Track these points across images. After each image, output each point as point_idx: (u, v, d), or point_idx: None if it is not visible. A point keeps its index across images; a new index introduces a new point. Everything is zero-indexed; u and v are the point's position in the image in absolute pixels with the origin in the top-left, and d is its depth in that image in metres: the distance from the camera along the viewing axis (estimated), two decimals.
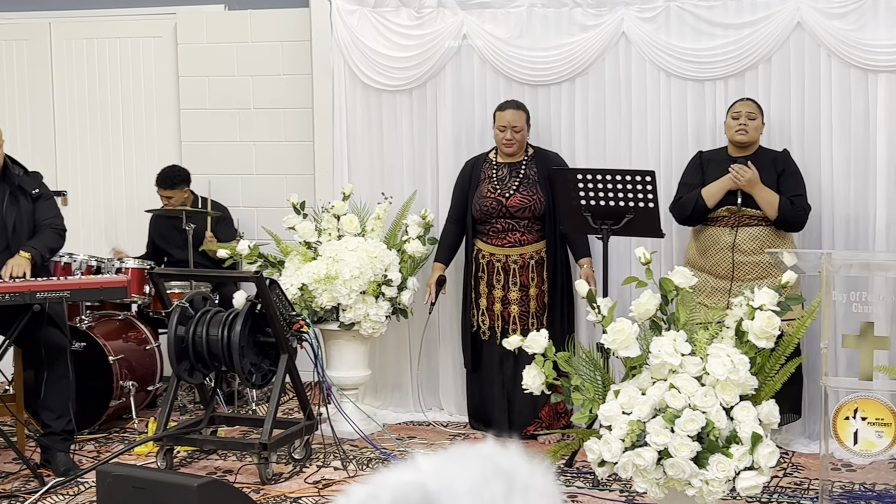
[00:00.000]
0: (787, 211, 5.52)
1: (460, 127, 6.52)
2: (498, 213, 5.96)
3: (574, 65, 6.27)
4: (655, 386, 3.87)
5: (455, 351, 6.55)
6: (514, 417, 6.00)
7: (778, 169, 5.64)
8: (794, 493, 5.00)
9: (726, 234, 5.60)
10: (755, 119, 5.67)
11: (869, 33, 5.77)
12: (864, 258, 4.29)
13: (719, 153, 5.79)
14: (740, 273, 5.54)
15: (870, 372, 3.82)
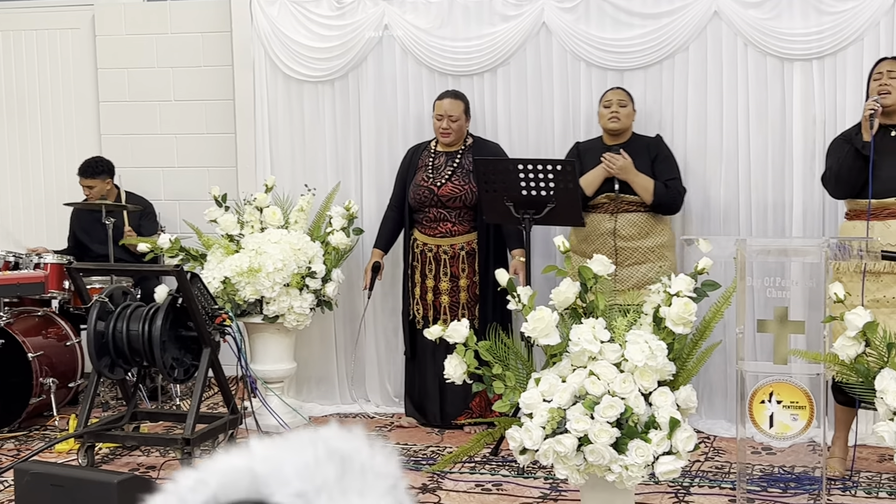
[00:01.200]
0: (662, 195, 5.62)
1: (383, 118, 6.51)
2: (430, 202, 5.97)
3: (495, 55, 6.29)
4: (575, 373, 3.90)
5: (381, 341, 6.56)
6: (446, 407, 6.02)
7: (652, 154, 5.73)
8: (715, 477, 5.07)
9: (606, 220, 5.67)
10: (626, 106, 5.75)
11: (784, 22, 5.86)
12: (779, 244, 4.36)
13: (595, 142, 5.87)
14: (622, 258, 5.62)
15: (785, 356, 3.88)
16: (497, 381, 3.99)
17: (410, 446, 5.72)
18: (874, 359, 3.73)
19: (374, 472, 0.83)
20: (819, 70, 5.83)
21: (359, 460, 0.81)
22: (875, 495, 4.75)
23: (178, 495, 0.82)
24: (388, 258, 6.29)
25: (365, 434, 0.87)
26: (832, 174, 5.04)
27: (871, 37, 5.74)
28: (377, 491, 0.82)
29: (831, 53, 5.78)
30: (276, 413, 5.78)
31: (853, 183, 4.95)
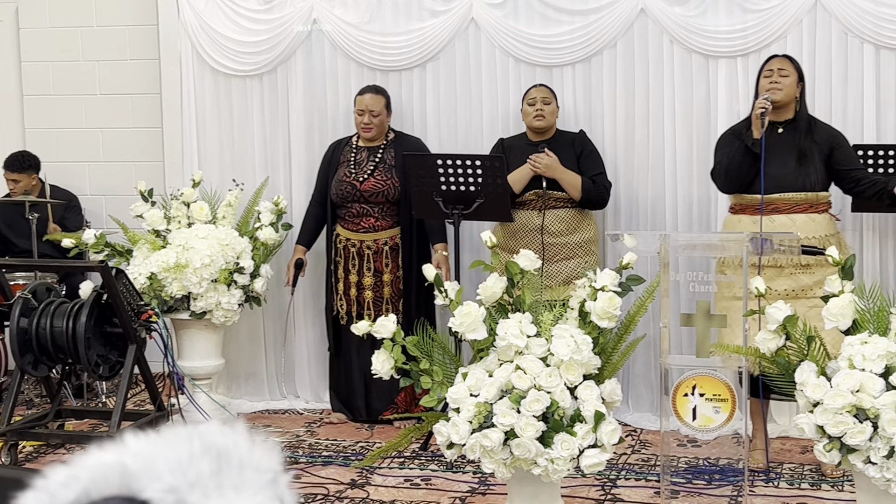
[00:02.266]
0: (590, 191, 5.67)
1: (312, 112, 6.48)
2: (353, 198, 5.95)
3: (425, 50, 6.29)
4: (502, 368, 3.92)
5: (310, 337, 6.54)
6: (371, 403, 6.01)
7: (577, 150, 5.78)
8: (642, 470, 5.12)
9: (535, 216, 5.71)
10: (550, 104, 5.80)
11: (709, 20, 5.93)
12: (702, 239, 4.42)
13: (520, 139, 5.90)
14: (550, 254, 5.66)
15: (706, 349, 3.93)
16: (424, 377, 4.00)
17: (340, 442, 5.71)
18: (794, 352, 3.80)
19: (253, 466, 0.82)
20: (743, 67, 5.91)
21: (236, 455, 0.81)
22: (797, 486, 4.83)
23: (48, 492, 0.81)
24: (311, 253, 6.25)
25: (245, 428, 0.87)
26: (722, 169, 5.11)
27: (794, 34, 5.83)
28: (254, 486, 0.81)
29: (755, 51, 5.86)
30: (203, 410, 5.74)
31: (742, 178, 5.04)
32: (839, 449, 3.61)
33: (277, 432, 5.93)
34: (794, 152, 5.04)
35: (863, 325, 3.75)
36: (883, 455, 3.53)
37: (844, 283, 3.76)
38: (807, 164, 5.02)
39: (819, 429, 3.63)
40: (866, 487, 3.69)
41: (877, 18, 5.67)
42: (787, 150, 5.05)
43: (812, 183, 5.02)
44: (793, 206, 5.01)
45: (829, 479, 4.87)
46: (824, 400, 3.60)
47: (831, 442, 3.61)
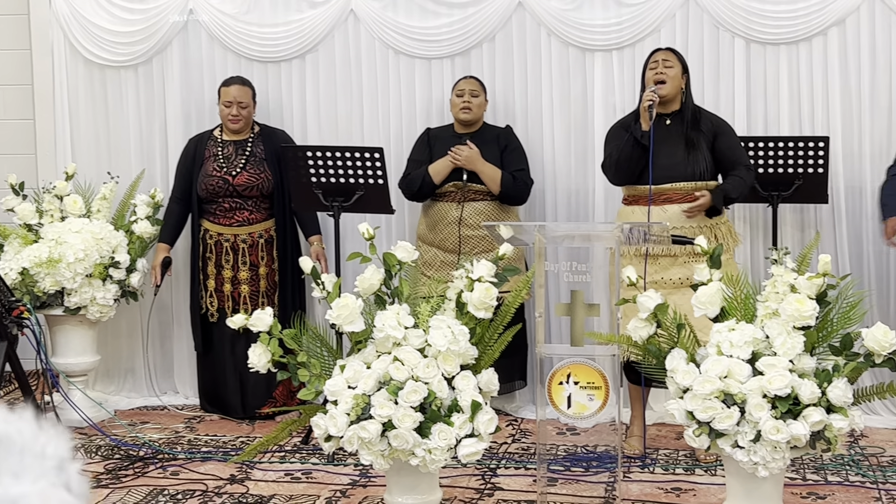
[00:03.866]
0: (509, 186, 5.71)
1: (189, 104, 6.40)
2: (225, 192, 5.89)
3: (303, 41, 6.26)
4: (380, 359, 3.92)
5: (188, 333, 6.44)
6: (247, 399, 5.95)
7: (501, 145, 5.82)
8: (521, 458, 5.17)
9: (453, 209, 5.73)
10: (478, 96, 5.83)
11: (586, 13, 6.01)
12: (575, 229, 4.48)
13: (446, 130, 5.92)
14: (467, 247, 5.69)
15: (581, 338, 3.99)
16: (302, 370, 3.98)
17: (219, 437, 5.65)
18: (665, 339, 3.87)
19: (35, 453, 0.80)
20: (619, 60, 6.01)
21: (18, 441, 0.79)
22: (672, 472, 4.93)
23: None
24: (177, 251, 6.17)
25: (32, 416, 0.85)
26: (612, 162, 5.19)
27: (667, 28, 5.95)
28: (36, 472, 0.80)
29: (630, 44, 5.96)
30: (78, 408, 5.61)
31: (632, 170, 5.13)
32: (708, 434, 3.70)
33: (156, 429, 5.84)
34: (682, 142, 5.13)
35: (731, 313, 3.84)
36: (750, 439, 3.62)
37: (713, 272, 3.85)
38: (695, 153, 5.11)
39: (689, 414, 3.71)
40: (735, 471, 3.78)
41: (747, 13, 5.82)
42: (675, 140, 5.14)
43: (701, 171, 5.11)
44: (683, 195, 5.10)
45: (703, 464, 4.99)
46: (693, 386, 3.67)
47: (700, 427, 3.69)
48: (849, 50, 5.79)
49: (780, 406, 3.59)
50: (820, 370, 3.68)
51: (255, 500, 4.60)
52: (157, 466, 5.11)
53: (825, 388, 3.61)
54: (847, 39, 5.78)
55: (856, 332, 3.69)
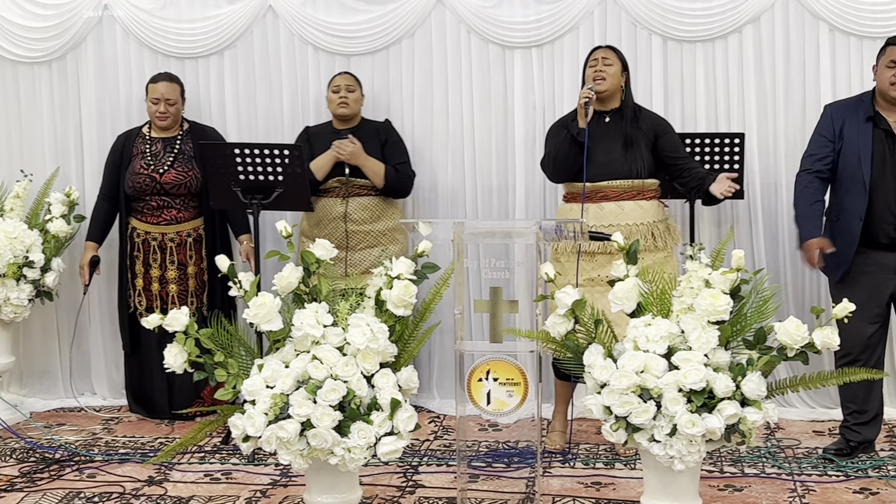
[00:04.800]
0: (393, 179, 5.72)
1: (104, 101, 6.31)
2: (152, 190, 5.81)
3: (221, 38, 6.21)
4: (299, 358, 3.90)
5: (107, 333, 6.37)
6: (174, 399, 5.87)
7: (381, 139, 5.82)
8: (443, 455, 5.17)
9: (338, 204, 5.72)
10: (354, 91, 5.82)
11: (505, 10, 6.03)
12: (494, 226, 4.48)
13: (325, 127, 5.91)
14: (353, 242, 5.69)
15: (500, 335, 4.00)
16: (219, 370, 3.94)
17: (138, 439, 5.57)
18: (583, 335, 3.90)
19: None
20: (538, 57, 6.03)
21: None
22: (592, 466, 4.97)
23: None
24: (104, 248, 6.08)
25: None
26: (550, 159, 5.21)
27: (586, 26, 5.98)
28: None
29: (549, 41, 5.99)
30: None
31: (570, 168, 5.15)
32: (625, 428, 3.73)
33: (72, 431, 5.75)
34: (621, 140, 5.15)
35: (647, 308, 3.87)
36: (666, 433, 3.66)
37: (629, 268, 3.88)
38: (633, 151, 5.14)
39: (606, 409, 3.74)
40: (652, 465, 3.82)
41: (664, 10, 5.87)
42: (614, 138, 5.16)
43: (638, 170, 5.14)
44: (620, 193, 5.13)
45: (622, 458, 5.03)
46: (610, 381, 3.70)
47: (618, 422, 3.72)
48: (764, 47, 5.87)
49: (696, 400, 3.63)
50: (734, 364, 3.73)
51: (173, 502, 4.55)
52: (74, 469, 5.02)
53: (739, 381, 3.66)
54: (762, 37, 5.87)
55: (769, 327, 3.74)
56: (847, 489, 4.57)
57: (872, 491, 4.54)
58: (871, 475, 4.75)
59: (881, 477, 4.70)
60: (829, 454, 4.98)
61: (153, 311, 5.72)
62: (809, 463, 4.93)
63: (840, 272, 4.88)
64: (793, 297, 5.88)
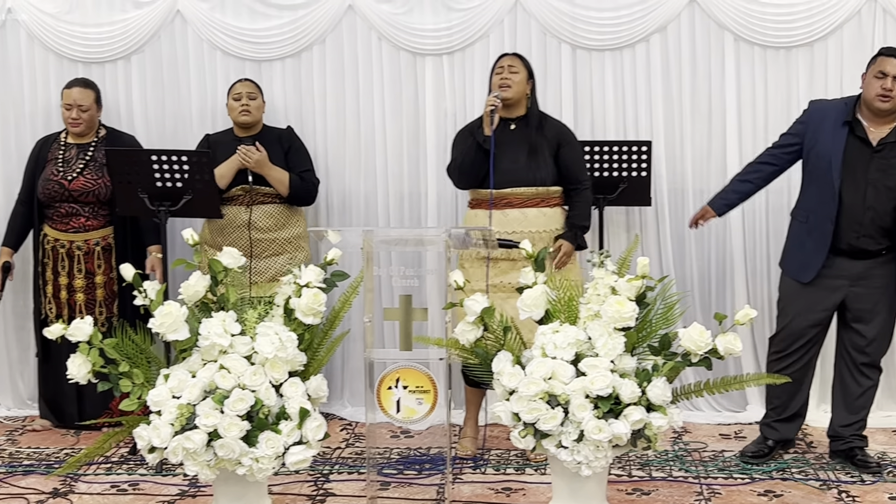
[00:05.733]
0: (298, 187, 5.69)
1: (7, 106, 6.22)
2: (61, 197, 5.70)
3: (129, 42, 6.13)
4: (206, 368, 3.86)
5: (11, 342, 6.24)
6: (85, 408, 5.77)
7: (284, 146, 5.79)
8: (355, 463, 5.16)
9: (242, 212, 5.68)
10: (256, 99, 5.78)
11: (416, 17, 6.04)
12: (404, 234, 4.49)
13: (226, 134, 5.86)
14: (258, 250, 5.65)
15: (409, 342, 4.00)
16: (124, 380, 3.88)
17: (43, 450, 5.47)
18: (492, 342, 3.92)
19: None
20: (449, 65, 6.05)
21: None
22: (503, 472, 4.99)
23: None
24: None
25: None
26: (456, 166, 5.23)
27: (496, 34, 6.02)
28: None
29: (460, 49, 6.01)
30: None
31: (476, 174, 5.17)
32: (533, 434, 3.76)
33: None
34: (526, 148, 5.18)
35: (554, 315, 3.90)
36: (573, 439, 3.69)
37: (537, 275, 3.91)
38: (537, 159, 5.17)
39: (514, 416, 3.76)
40: (560, 471, 3.85)
41: (573, 19, 5.93)
42: (519, 145, 5.19)
43: (542, 178, 5.17)
44: (525, 200, 5.16)
45: (533, 464, 5.06)
46: (519, 388, 3.73)
47: (526, 428, 3.75)
48: (670, 56, 5.96)
49: (602, 406, 3.67)
50: (640, 370, 3.78)
51: None
52: None
53: (645, 387, 3.71)
54: (669, 46, 5.95)
55: (673, 333, 3.80)
56: (752, 492, 4.66)
57: (776, 493, 4.63)
58: (776, 478, 4.84)
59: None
60: (747, 456, 5.05)
61: (63, 318, 5.65)
62: (716, 466, 5.01)
63: (811, 274, 4.91)
64: (700, 303, 5.97)
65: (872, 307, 4.89)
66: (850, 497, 4.57)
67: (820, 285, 4.89)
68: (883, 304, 4.90)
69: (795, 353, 4.97)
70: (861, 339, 4.93)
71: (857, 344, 4.95)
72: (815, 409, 5.71)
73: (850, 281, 4.87)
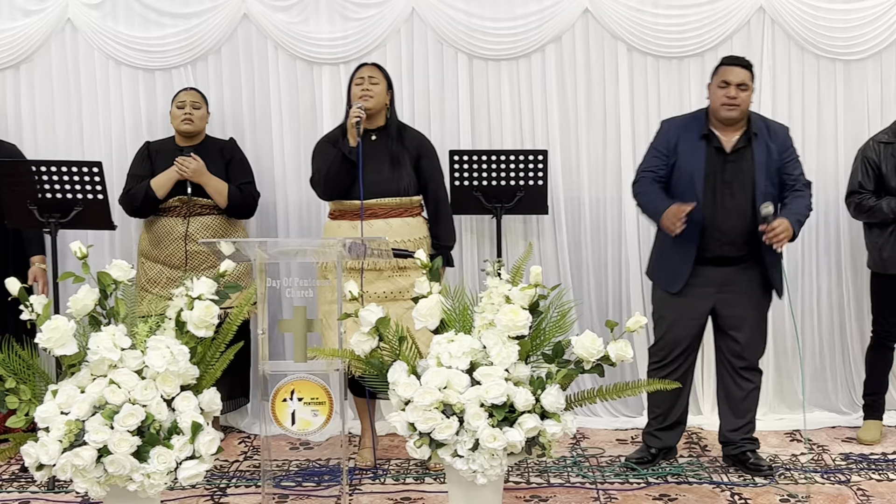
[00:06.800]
0: (236, 199, 5.63)
1: None
2: None
3: (17, 51, 6.02)
4: (95, 383, 3.78)
5: None
6: None
7: (225, 157, 5.73)
8: (253, 476, 5.11)
9: (179, 223, 5.60)
10: (200, 108, 5.72)
11: (312, 26, 6.02)
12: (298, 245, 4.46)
13: (167, 143, 5.78)
14: (194, 263, 5.57)
15: (304, 354, 3.97)
16: (10, 396, 3.79)
17: None
18: (387, 352, 3.91)
19: None
20: (346, 74, 5.99)
21: None
22: (402, 481, 4.98)
23: None
24: None
25: None
26: (321, 177, 5.18)
27: (392, 43, 6.03)
28: None
29: (357, 58, 5.99)
30: None
31: (340, 186, 5.14)
32: (429, 444, 3.75)
33: None
34: (388, 159, 5.18)
35: (449, 324, 3.91)
36: (469, 448, 3.69)
37: (432, 285, 3.91)
38: (399, 169, 5.17)
39: (410, 426, 3.75)
40: (456, 479, 3.85)
41: (469, 29, 5.96)
42: (381, 156, 5.19)
43: (405, 188, 5.18)
44: (389, 210, 5.15)
45: (433, 473, 5.06)
46: (414, 398, 3.72)
47: (421, 438, 3.74)
48: (565, 66, 6.02)
49: (497, 414, 3.68)
50: (534, 378, 3.79)
51: None
52: None
53: (539, 395, 3.73)
54: (563, 56, 6.02)
55: (566, 340, 3.83)
56: (647, 496, 4.72)
57: (671, 497, 4.69)
58: (671, 481, 4.91)
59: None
60: (630, 462, 5.12)
61: None
62: (612, 471, 5.07)
63: (679, 285, 5.00)
64: (596, 310, 6.04)
65: (742, 313, 5.01)
66: (743, 499, 4.66)
67: (689, 294, 4.99)
68: (751, 308, 5.02)
69: (674, 363, 5.06)
70: (736, 344, 5.04)
71: (733, 349, 5.05)
72: (711, 413, 5.82)
73: (716, 288, 4.99)
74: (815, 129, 6.01)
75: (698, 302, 5.00)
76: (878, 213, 5.39)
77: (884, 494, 4.69)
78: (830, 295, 6.09)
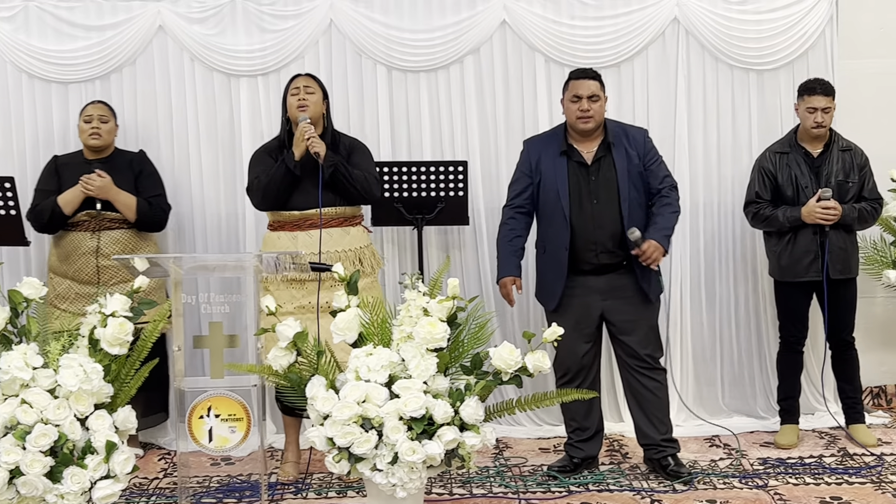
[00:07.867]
0: (146, 212, 5.56)
1: None
2: None
3: None
4: (6, 402, 3.71)
5: None
6: None
7: (135, 170, 5.66)
8: (172, 494, 5.04)
9: (88, 238, 5.51)
10: (108, 122, 5.65)
11: (229, 39, 5.97)
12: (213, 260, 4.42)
13: (75, 157, 5.69)
14: (105, 277, 5.48)
15: (221, 370, 3.94)
16: None
17: None
18: (306, 367, 3.89)
19: None
20: (265, 86, 6.00)
21: None
22: (325, 496, 4.95)
23: None
24: None
25: None
26: (261, 187, 5.14)
27: (311, 54, 6.00)
28: None
29: (275, 70, 5.96)
30: None
31: (280, 197, 5.11)
32: (348, 459, 3.74)
33: None
34: None
35: (368, 338, 3.90)
36: (388, 462, 3.69)
37: (350, 298, 3.90)
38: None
39: (329, 441, 3.74)
40: (376, 493, 3.84)
41: (387, 41, 5.95)
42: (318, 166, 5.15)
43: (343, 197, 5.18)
44: (328, 220, 5.12)
45: (355, 486, 5.04)
46: (333, 412, 3.71)
47: (340, 452, 3.73)
48: (484, 77, 6.04)
49: (416, 427, 3.68)
50: (453, 390, 3.80)
51: None
52: None
53: (458, 407, 3.73)
54: (482, 67, 6.04)
55: (485, 352, 3.84)
56: None
57: None
58: (592, 489, 4.94)
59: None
60: (552, 471, 5.14)
61: None
62: (534, 480, 5.09)
63: (555, 302, 5.06)
64: (518, 321, 6.05)
65: (630, 317, 5.07)
66: None
67: (571, 307, 5.05)
68: (639, 311, 5.08)
69: (578, 376, 5.10)
70: (629, 347, 5.09)
71: (630, 352, 5.11)
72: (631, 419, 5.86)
73: (601, 296, 5.06)
74: (729, 138, 6.10)
75: (585, 312, 5.05)
76: (774, 222, 5.50)
77: (800, 498, 4.76)
78: (748, 301, 6.17)
